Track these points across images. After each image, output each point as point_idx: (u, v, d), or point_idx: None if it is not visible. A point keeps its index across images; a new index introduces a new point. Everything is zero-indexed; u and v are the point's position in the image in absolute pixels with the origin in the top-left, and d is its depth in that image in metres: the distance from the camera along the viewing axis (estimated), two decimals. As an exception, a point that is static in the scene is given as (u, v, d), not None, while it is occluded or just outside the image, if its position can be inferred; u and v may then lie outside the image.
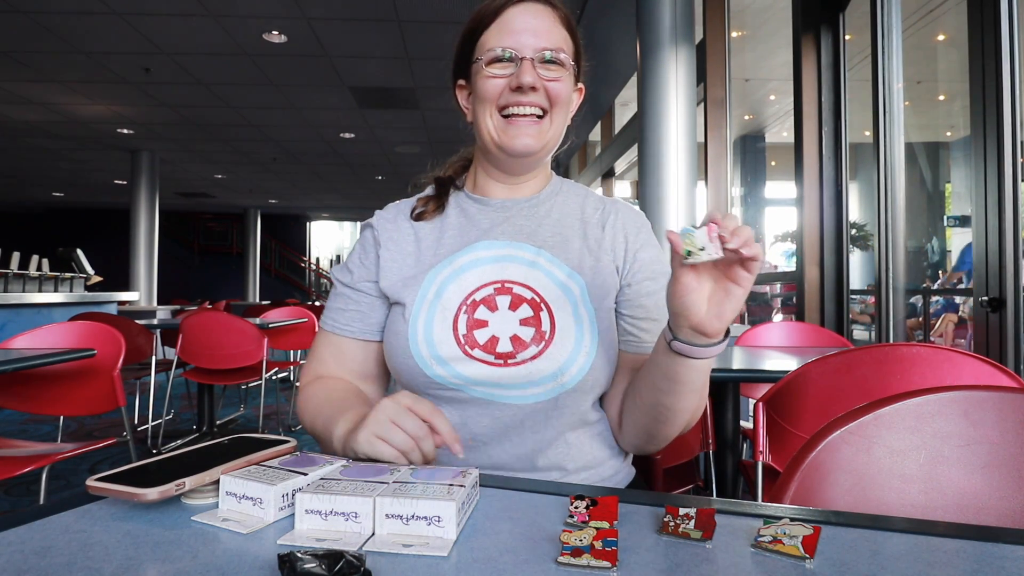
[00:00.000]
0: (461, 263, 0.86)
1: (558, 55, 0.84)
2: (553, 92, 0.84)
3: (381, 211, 0.97)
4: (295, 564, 0.40)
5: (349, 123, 7.87)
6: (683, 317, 0.66)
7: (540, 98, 0.84)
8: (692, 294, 0.65)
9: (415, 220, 0.92)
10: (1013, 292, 1.88)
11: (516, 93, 0.83)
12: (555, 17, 0.86)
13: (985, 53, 1.95)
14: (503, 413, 0.81)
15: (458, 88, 0.93)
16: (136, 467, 0.57)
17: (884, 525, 0.51)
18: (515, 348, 0.80)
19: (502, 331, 0.81)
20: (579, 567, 0.43)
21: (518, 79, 0.82)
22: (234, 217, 16.47)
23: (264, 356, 3.40)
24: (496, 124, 0.86)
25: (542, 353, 0.79)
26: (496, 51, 0.83)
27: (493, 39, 0.84)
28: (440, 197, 0.94)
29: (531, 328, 0.81)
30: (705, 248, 0.61)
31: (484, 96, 0.85)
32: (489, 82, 0.84)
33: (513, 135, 0.85)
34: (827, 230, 3.03)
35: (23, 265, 4.97)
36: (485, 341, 0.80)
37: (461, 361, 0.80)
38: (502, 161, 0.89)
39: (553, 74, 0.84)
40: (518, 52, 0.83)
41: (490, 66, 0.84)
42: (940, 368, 1.09)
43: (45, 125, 8.01)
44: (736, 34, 4.76)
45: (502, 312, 0.82)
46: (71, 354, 1.82)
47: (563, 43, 0.86)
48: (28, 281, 4.97)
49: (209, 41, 5.31)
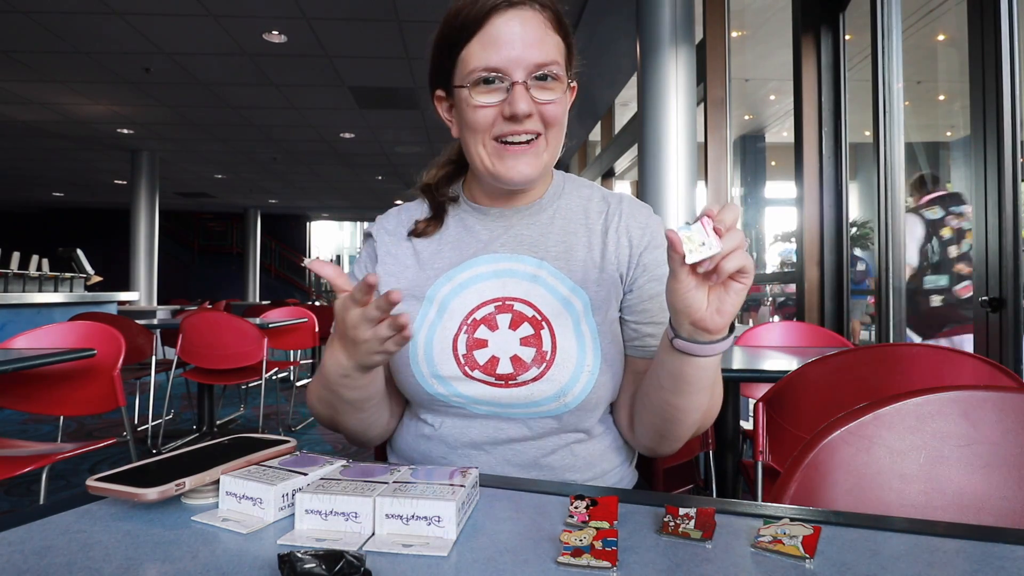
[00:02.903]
0: (461, 279, 0.84)
1: (552, 70, 0.76)
2: (549, 115, 0.78)
3: (382, 218, 0.93)
4: (295, 564, 0.40)
5: (349, 123, 7.87)
6: (684, 315, 0.65)
7: (535, 123, 0.78)
8: (692, 291, 0.63)
9: (415, 237, 0.89)
10: (1013, 292, 1.88)
11: (510, 122, 0.76)
12: (545, 22, 0.77)
13: (985, 53, 1.95)
14: (507, 426, 0.80)
15: (437, 99, 0.86)
16: (136, 467, 0.57)
17: (884, 525, 0.51)
18: (516, 369, 0.78)
19: (502, 351, 0.79)
20: (579, 567, 0.43)
21: (511, 108, 0.75)
22: (234, 217, 16.47)
23: (264, 356, 3.40)
24: (489, 152, 0.79)
25: (543, 375, 0.78)
26: (482, 75, 0.75)
27: (477, 56, 0.76)
28: (437, 214, 0.89)
29: (532, 348, 0.79)
30: (705, 243, 0.59)
31: (474, 127, 0.78)
32: (479, 112, 0.77)
33: (510, 165, 0.78)
34: (827, 230, 3.03)
35: (23, 265, 4.97)
36: (485, 362, 0.79)
37: (461, 381, 0.79)
38: (500, 187, 0.84)
39: (548, 95, 0.77)
40: (508, 75, 0.75)
41: (477, 92, 0.76)
42: (940, 368, 1.09)
43: (45, 125, 8.00)
44: (736, 34, 4.76)
45: (502, 331, 0.80)
46: (71, 354, 1.82)
47: (556, 53, 0.78)
48: (28, 281, 4.97)
49: (209, 41, 5.31)
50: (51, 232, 15.85)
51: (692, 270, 0.62)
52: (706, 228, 0.59)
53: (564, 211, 0.88)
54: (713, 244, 0.59)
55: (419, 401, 0.83)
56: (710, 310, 0.64)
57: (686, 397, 0.73)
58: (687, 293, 0.63)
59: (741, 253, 0.60)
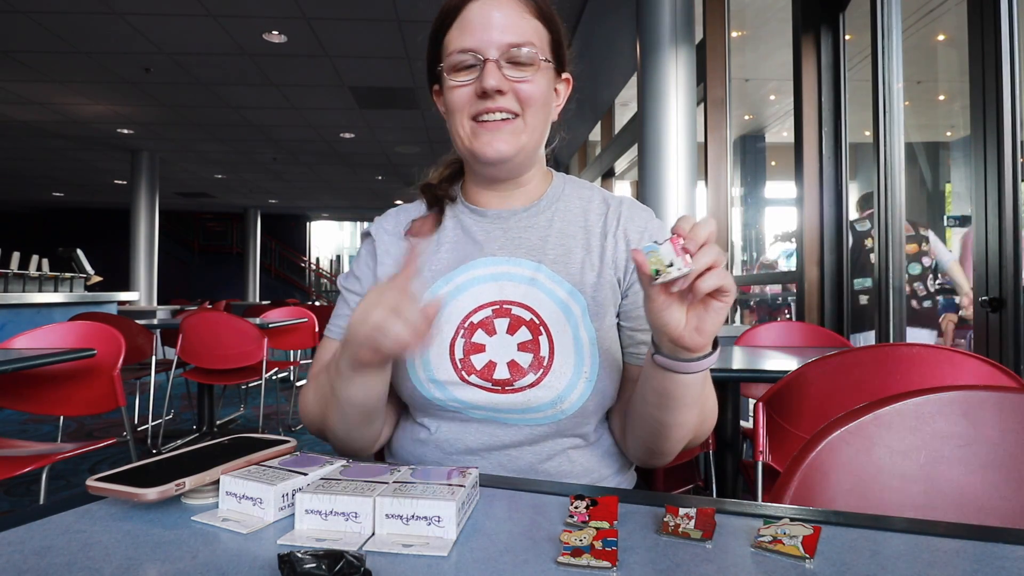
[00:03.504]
0: (459, 282, 0.83)
1: (527, 52, 0.77)
2: (524, 94, 0.78)
3: (381, 219, 0.93)
4: (295, 564, 0.40)
5: (349, 123, 7.87)
6: (662, 332, 0.63)
7: (510, 102, 0.78)
8: (668, 310, 0.61)
9: (409, 236, 0.89)
10: (1013, 292, 1.88)
11: (483, 99, 0.78)
12: (522, 7, 0.79)
13: (985, 53, 1.95)
14: (504, 432, 0.79)
15: (435, 94, 0.87)
16: (136, 467, 0.57)
17: (884, 525, 0.50)
18: (512, 375, 0.77)
19: (499, 356, 0.78)
20: (579, 567, 0.43)
21: (482, 84, 0.76)
22: (234, 217, 16.47)
23: (264, 356, 3.40)
24: (467, 131, 0.80)
25: (540, 381, 0.77)
26: (458, 55, 0.78)
27: (455, 40, 0.78)
28: (437, 215, 0.89)
29: (529, 353, 0.78)
30: (673, 263, 0.56)
31: (452, 107, 0.80)
32: (455, 92, 0.79)
33: (486, 142, 0.79)
34: (827, 230, 3.03)
35: (23, 265, 4.97)
36: (482, 367, 0.78)
37: (457, 386, 0.78)
38: (480, 168, 0.85)
39: (522, 74, 0.78)
40: (480, 53, 0.77)
41: (453, 73, 0.79)
42: (940, 368, 1.09)
43: (45, 125, 8.00)
44: (736, 34, 4.76)
45: (500, 336, 0.79)
46: (71, 354, 1.82)
47: (533, 35, 0.79)
48: (28, 281, 4.97)
49: (209, 41, 5.31)
50: (51, 232, 15.86)
51: (664, 289, 0.60)
52: (676, 247, 0.57)
53: (563, 213, 0.87)
54: (681, 265, 0.56)
55: (416, 405, 0.82)
56: (688, 328, 0.62)
57: (671, 413, 0.71)
58: (662, 312, 0.61)
59: (718, 272, 0.58)
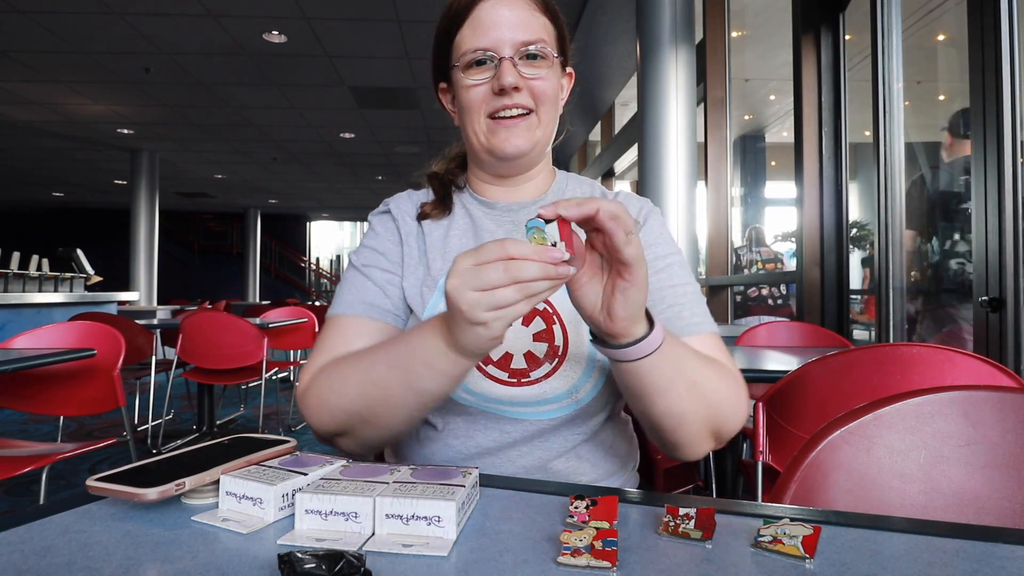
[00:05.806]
0: None
1: (539, 48, 0.79)
2: (538, 91, 0.80)
3: (394, 199, 0.92)
4: (295, 564, 0.40)
5: (349, 123, 7.87)
6: (582, 316, 0.62)
7: (525, 98, 0.80)
8: (577, 291, 0.60)
9: (420, 220, 0.89)
10: (1013, 292, 1.88)
11: (500, 96, 0.79)
12: (531, 4, 0.81)
13: (985, 53, 1.95)
14: (514, 428, 0.79)
15: (440, 91, 0.89)
16: (136, 467, 0.57)
17: (884, 525, 0.50)
18: (529, 365, 0.77)
19: (516, 347, 0.78)
20: (579, 567, 0.43)
21: (499, 82, 0.78)
22: (234, 217, 16.47)
23: (264, 356, 3.40)
24: (484, 129, 0.81)
25: (555, 371, 0.77)
26: (472, 54, 0.79)
27: (468, 40, 0.79)
28: (445, 200, 0.89)
29: (544, 344, 0.78)
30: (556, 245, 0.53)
31: (468, 106, 0.81)
32: (471, 91, 0.80)
33: (503, 138, 0.80)
34: (827, 230, 3.03)
35: (23, 265, 4.97)
36: (499, 357, 0.78)
37: (474, 377, 0.78)
38: (494, 164, 0.85)
39: (535, 71, 0.80)
40: (496, 52, 0.78)
41: (468, 72, 0.80)
42: (940, 368, 1.09)
43: (45, 125, 8.00)
44: (736, 34, 4.76)
45: (515, 326, 0.78)
46: (71, 354, 1.82)
47: (543, 32, 0.81)
48: (28, 281, 4.97)
49: (209, 41, 5.31)
50: (51, 232, 15.85)
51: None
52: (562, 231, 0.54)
53: None
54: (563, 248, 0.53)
55: None
56: (601, 313, 0.61)
57: (645, 402, 0.68)
58: (573, 293, 0.61)
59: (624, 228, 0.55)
